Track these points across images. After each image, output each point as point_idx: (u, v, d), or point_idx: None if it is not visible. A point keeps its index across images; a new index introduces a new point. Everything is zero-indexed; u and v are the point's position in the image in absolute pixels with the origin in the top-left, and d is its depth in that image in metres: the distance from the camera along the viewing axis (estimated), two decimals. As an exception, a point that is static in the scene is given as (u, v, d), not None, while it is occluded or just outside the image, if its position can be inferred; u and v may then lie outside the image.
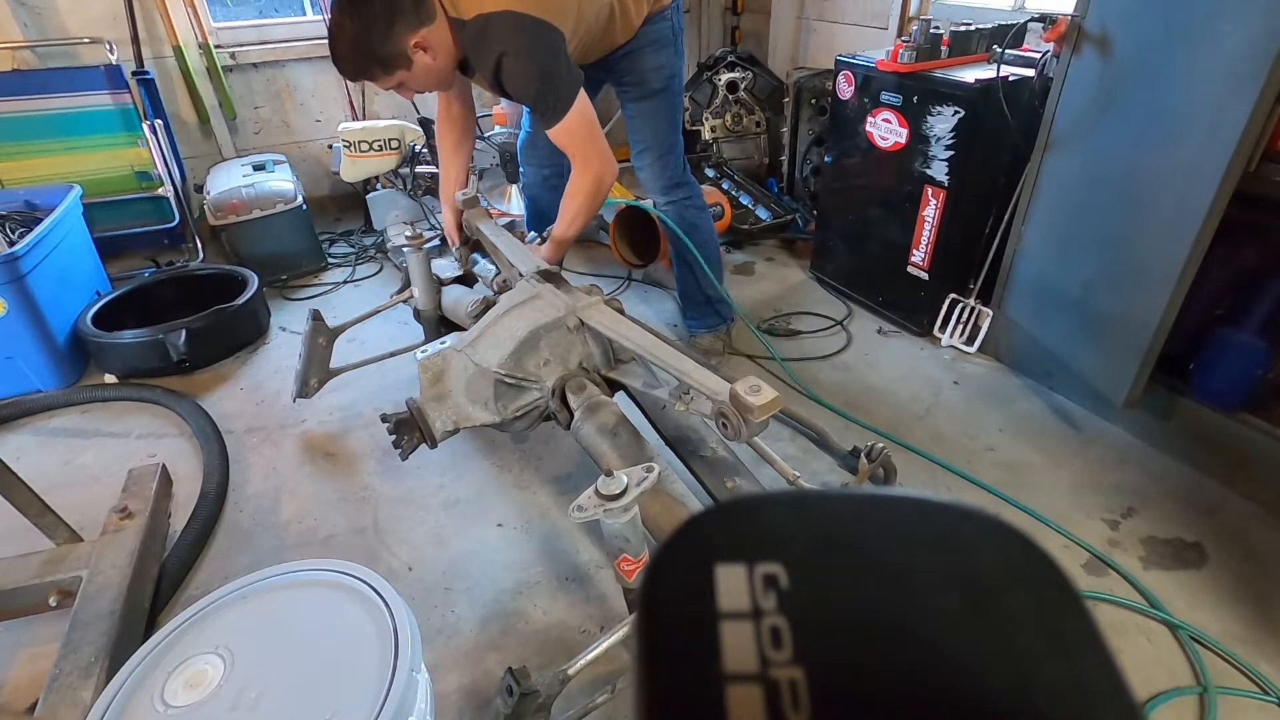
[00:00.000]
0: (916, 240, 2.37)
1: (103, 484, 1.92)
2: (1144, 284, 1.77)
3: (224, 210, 2.85)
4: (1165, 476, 1.86)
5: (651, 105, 2.00)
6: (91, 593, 1.41)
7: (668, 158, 2.11)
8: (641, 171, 2.15)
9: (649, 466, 1.11)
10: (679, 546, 0.24)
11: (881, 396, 2.22)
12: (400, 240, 2.83)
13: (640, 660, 0.21)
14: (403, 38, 1.56)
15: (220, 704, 0.94)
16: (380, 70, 1.62)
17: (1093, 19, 1.75)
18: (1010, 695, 0.20)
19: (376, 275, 3.12)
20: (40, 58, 2.98)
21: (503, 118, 3.18)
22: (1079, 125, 1.87)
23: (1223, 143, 1.52)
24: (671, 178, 2.14)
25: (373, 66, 1.61)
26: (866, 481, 1.44)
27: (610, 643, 1.13)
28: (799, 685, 0.20)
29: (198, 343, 2.36)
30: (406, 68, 1.62)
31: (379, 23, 1.54)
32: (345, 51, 1.59)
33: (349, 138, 3.01)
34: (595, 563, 1.66)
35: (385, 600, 1.05)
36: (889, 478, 1.45)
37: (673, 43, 1.97)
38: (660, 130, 2.06)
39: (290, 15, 3.53)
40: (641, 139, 2.06)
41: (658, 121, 2.04)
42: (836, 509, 0.26)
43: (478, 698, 1.38)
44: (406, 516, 1.82)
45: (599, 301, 1.64)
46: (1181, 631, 1.45)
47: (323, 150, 3.66)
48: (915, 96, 2.21)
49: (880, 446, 1.43)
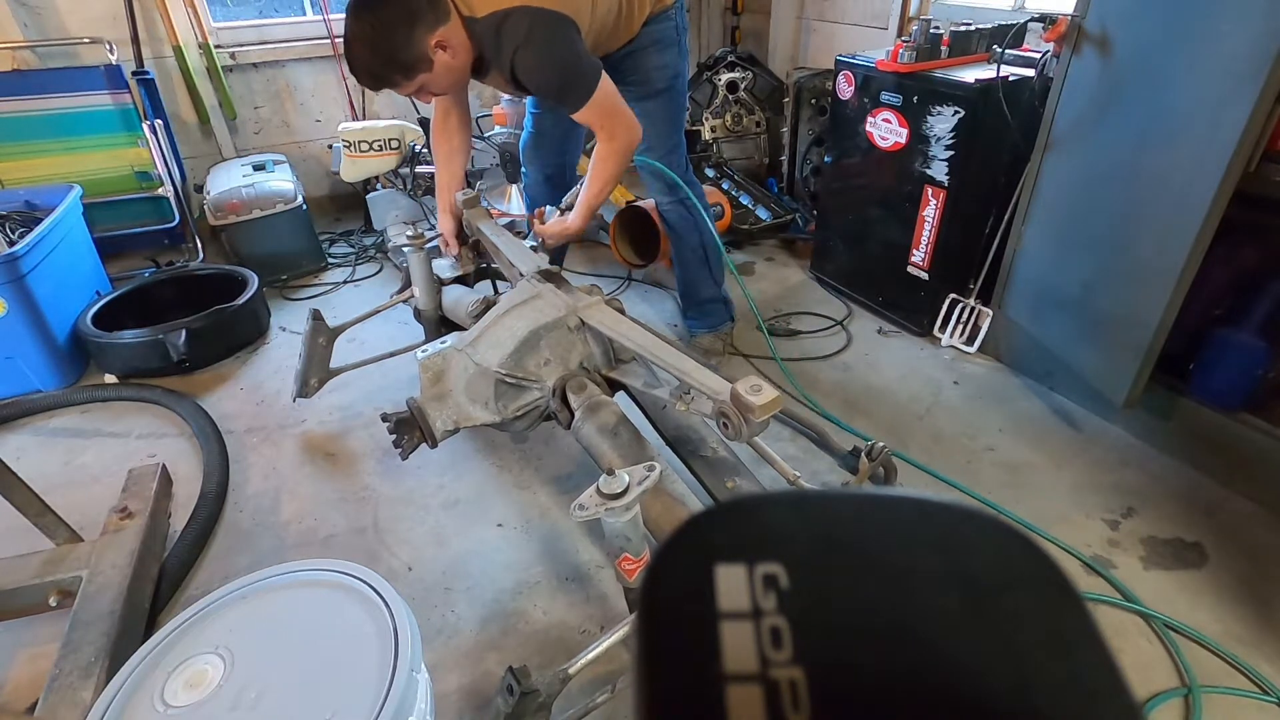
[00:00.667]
0: (916, 240, 2.37)
1: (103, 484, 1.92)
2: (1144, 284, 1.77)
3: (224, 210, 2.85)
4: (1165, 476, 1.86)
5: (654, 104, 2.00)
6: (91, 593, 1.41)
7: (671, 157, 2.11)
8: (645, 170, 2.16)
9: (650, 466, 1.11)
10: (679, 546, 0.24)
11: (881, 396, 2.22)
12: (400, 240, 2.83)
13: (640, 660, 0.21)
14: (423, 39, 1.55)
15: (220, 704, 0.94)
16: (402, 76, 1.60)
17: (1093, 19, 1.75)
18: (1010, 695, 0.20)
19: (376, 275, 3.12)
20: (40, 58, 2.98)
21: (503, 118, 3.18)
22: (1079, 125, 1.87)
23: (1223, 142, 1.52)
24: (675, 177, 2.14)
25: (395, 73, 1.59)
26: (867, 481, 1.44)
27: (610, 643, 1.13)
28: (799, 685, 0.20)
29: (198, 343, 2.36)
30: (428, 70, 1.61)
31: (400, 26, 1.53)
32: (366, 60, 1.56)
33: (349, 138, 3.01)
34: (595, 563, 1.66)
35: (385, 600, 1.05)
36: (889, 478, 1.45)
37: (676, 42, 1.97)
38: (663, 129, 2.05)
39: (290, 15, 3.53)
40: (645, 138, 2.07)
41: (661, 121, 2.04)
42: (836, 509, 0.26)
43: (478, 698, 1.38)
44: (406, 516, 1.81)
45: (599, 301, 1.64)
46: (1155, 621, 1.45)
47: (323, 150, 3.66)
48: (915, 96, 2.21)
49: (881, 446, 1.43)
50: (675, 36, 1.96)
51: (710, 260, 2.30)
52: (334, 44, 3.44)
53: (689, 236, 2.21)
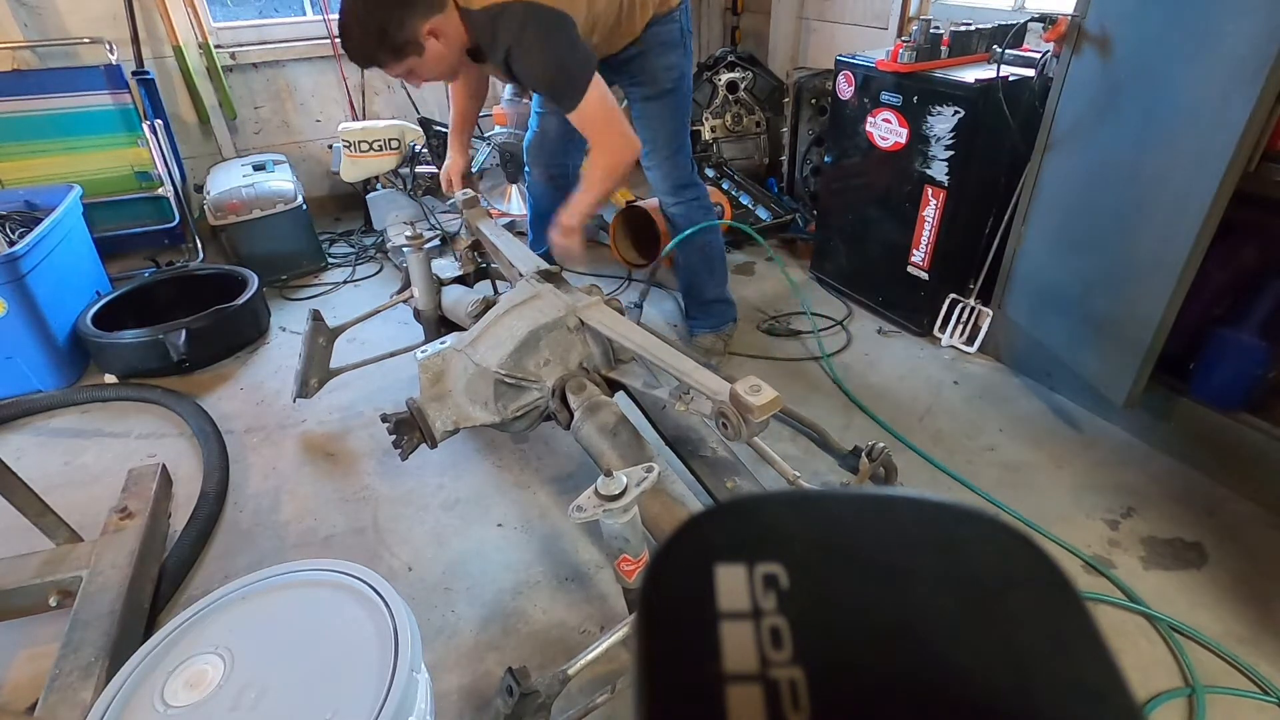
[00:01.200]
0: (916, 240, 2.37)
1: (103, 484, 1.92)
2: (1144, 284, 1.77)
3: (224, 210, 2.85)
4: (1165, 476, 1.86)
5: (660, 105, 2.01)
6: (91, 593, 1.41)
7: (677, 157, 2.11)
8: (650, 171, 2.15)
9: (649, 467, 1.11)
10: (679, 546, 0.24)
11: (881, 396, 2.22)
12: (400, 240, 2.83)
13: (640, 660, 0.21)
14: (416, 24, 1.57)
15: (220, 704, 0.94)
16: (391, 57, 1.62)
17: (1093, 19, 1.75)
18: (1010, 695, 0.20)
19: (376, 275, 3.12)
20: (40, 58, 2.98)
21: (503, 118, 3.18)
22: (1079, 125, 1.87)
23: (1223, 142, 1.52)
24: (680, 178, 2.14)
25: (384, 53, 1.60)
26: (867, 481, 1.44)
27: (610, 643, 1.13)
28: (799, 685, 0.20)
29: (198, 343, 2.36)
30: (418, 54, 1.62)
31: (394, 8, 1.55)
32: (358, 37, 1.59)
33: (349, 138, 3.02)
34: (595, 563, 1.66)
35: (385, 600, 1.05)
36: (890, 477, 1.45)
37: (682, 44, 1.98)
38: (669, 130, 2.06)
39: (290, 15, 3.53)
40: (650, 139, 2.06)
41: (666, 121, 2.04)
42: (837, 509, 0.26)
43: (478, 698, 1.38)
44: (406, 516, 1.81)
45: (599, 301, 1.64)
46: (1161, 625, 1.45)
47: (323, 150, 3.66)
48: (915, 96, 2.21)
49: (881, 446, 1.43)
50: (680, 38, 1.96)
51: (714, 261, 2.30)
52: (334, 44, 3.44)
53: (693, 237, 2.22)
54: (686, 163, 2.14)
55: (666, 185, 2.15)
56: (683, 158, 2.12)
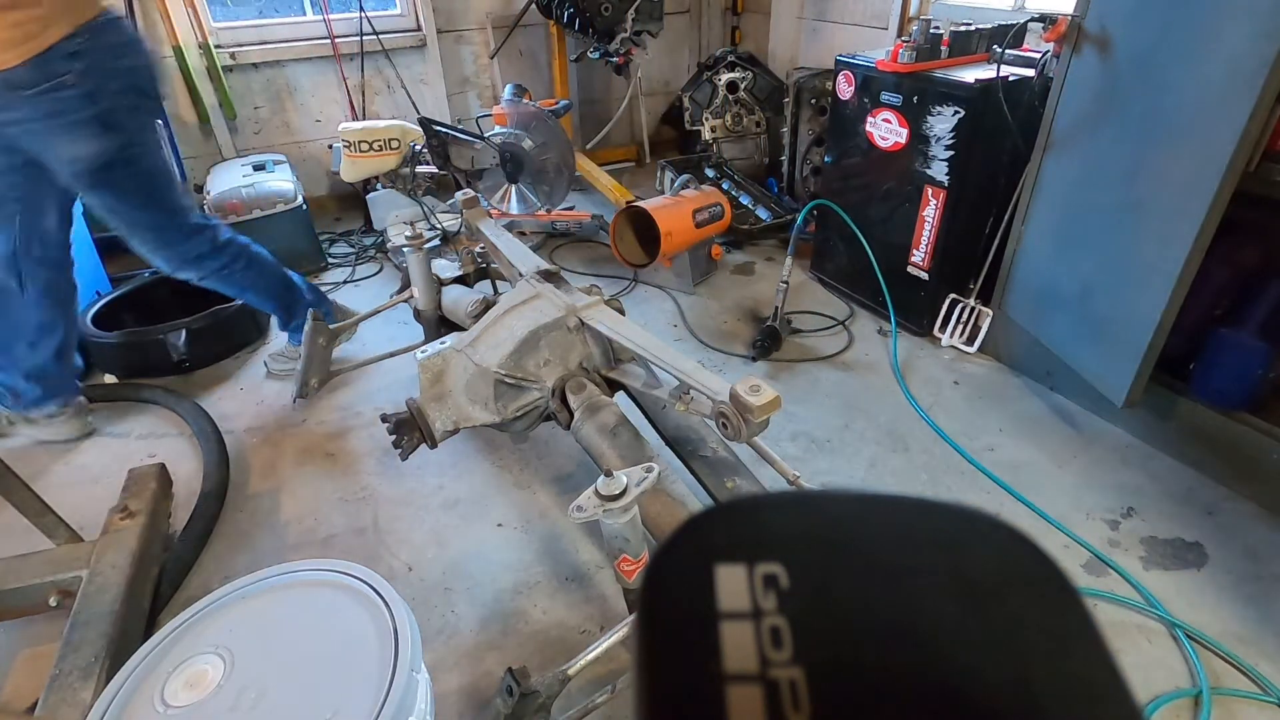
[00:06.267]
0: (916, 240, 2.37)
1: (103, 484, 1.92)
2: (1144, 284, 1.77)
3: (224, 210, 2.85)
4: (1165, 476, 1.86)
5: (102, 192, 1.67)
6: (91, 593, 1.41)
7: (165, 233, 1.81)
8: (152, 258, 1.86)
9: (649, 467, 1.11)
10: (679, 546, 0.24)
11: (882, 396, 2.22)
12: (400, 240, 2.83)
13: (640, 660, 0.21)
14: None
15: (220, 704, 0.93)
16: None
17: (1093, 19, 1.75)
18: (1010, 695, 0.20)
19: (376, 275, 3.12)
20: (40, 58, 2.98)
21: (502, 118, 3.17)
22: (1079, 125, 1.87)
23: (1223, 142, 1.52)
24: (186, 252, 1.88)
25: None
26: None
27: (610, 643, 1.13)
28: (799, 685, 0.20)
29: (198, 343, 2.37)
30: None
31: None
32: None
33: (349, 138, 3.00)
34: (595, 563, 1.66)
35: (385, 600, 1.05)
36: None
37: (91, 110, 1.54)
38: (134, 207, 1.72)
39: (290, 15, 3.53)
40: (117, 225, 1.74)
41: (123, 200, 1.71)
42: (837, 509, 0.26)
43: (478, 698, 1.38)
44: (406, 516, 1.81)
45: (599, 301, 1.64)
46: (1178, 630, 1.45)
47: (323, 150, 3.66)
48: (915, 96, 2.21)
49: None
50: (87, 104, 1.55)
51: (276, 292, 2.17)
52: (334, 44, 3.44)
53: (248, 293, 2.10)
54: (182, 230, 1.81)
55: (177, 264, 1.85)
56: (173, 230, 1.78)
